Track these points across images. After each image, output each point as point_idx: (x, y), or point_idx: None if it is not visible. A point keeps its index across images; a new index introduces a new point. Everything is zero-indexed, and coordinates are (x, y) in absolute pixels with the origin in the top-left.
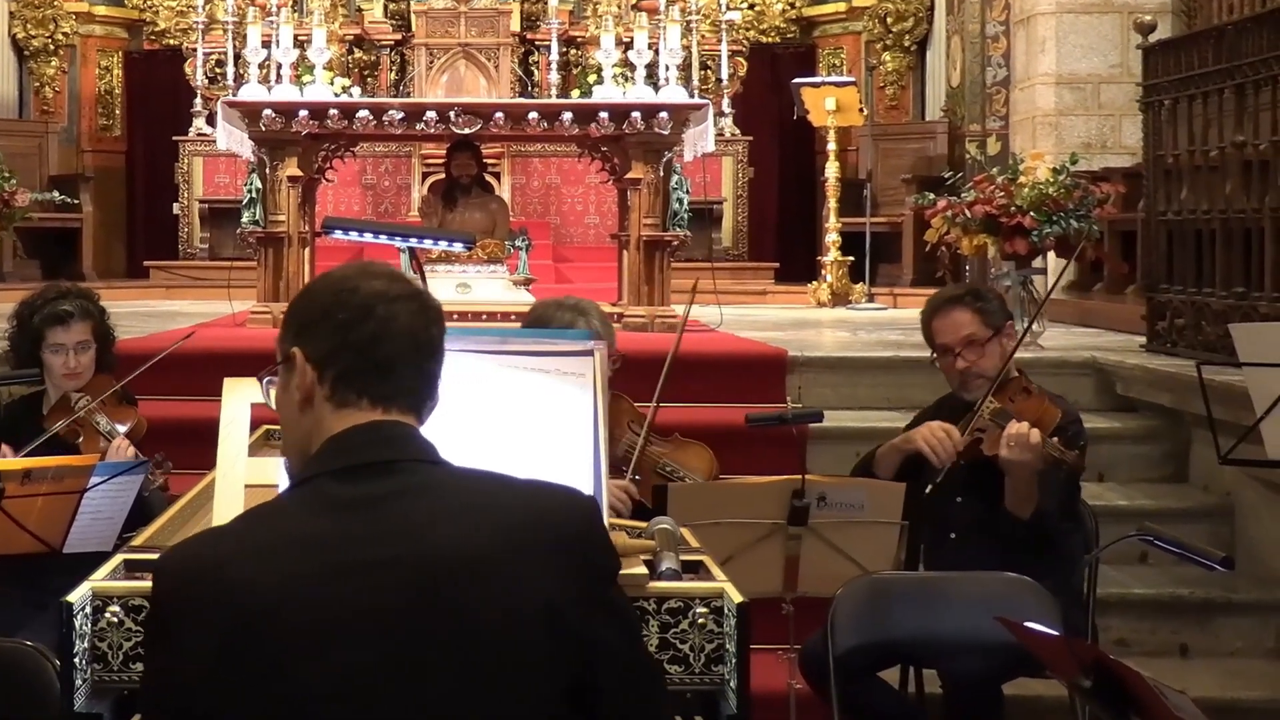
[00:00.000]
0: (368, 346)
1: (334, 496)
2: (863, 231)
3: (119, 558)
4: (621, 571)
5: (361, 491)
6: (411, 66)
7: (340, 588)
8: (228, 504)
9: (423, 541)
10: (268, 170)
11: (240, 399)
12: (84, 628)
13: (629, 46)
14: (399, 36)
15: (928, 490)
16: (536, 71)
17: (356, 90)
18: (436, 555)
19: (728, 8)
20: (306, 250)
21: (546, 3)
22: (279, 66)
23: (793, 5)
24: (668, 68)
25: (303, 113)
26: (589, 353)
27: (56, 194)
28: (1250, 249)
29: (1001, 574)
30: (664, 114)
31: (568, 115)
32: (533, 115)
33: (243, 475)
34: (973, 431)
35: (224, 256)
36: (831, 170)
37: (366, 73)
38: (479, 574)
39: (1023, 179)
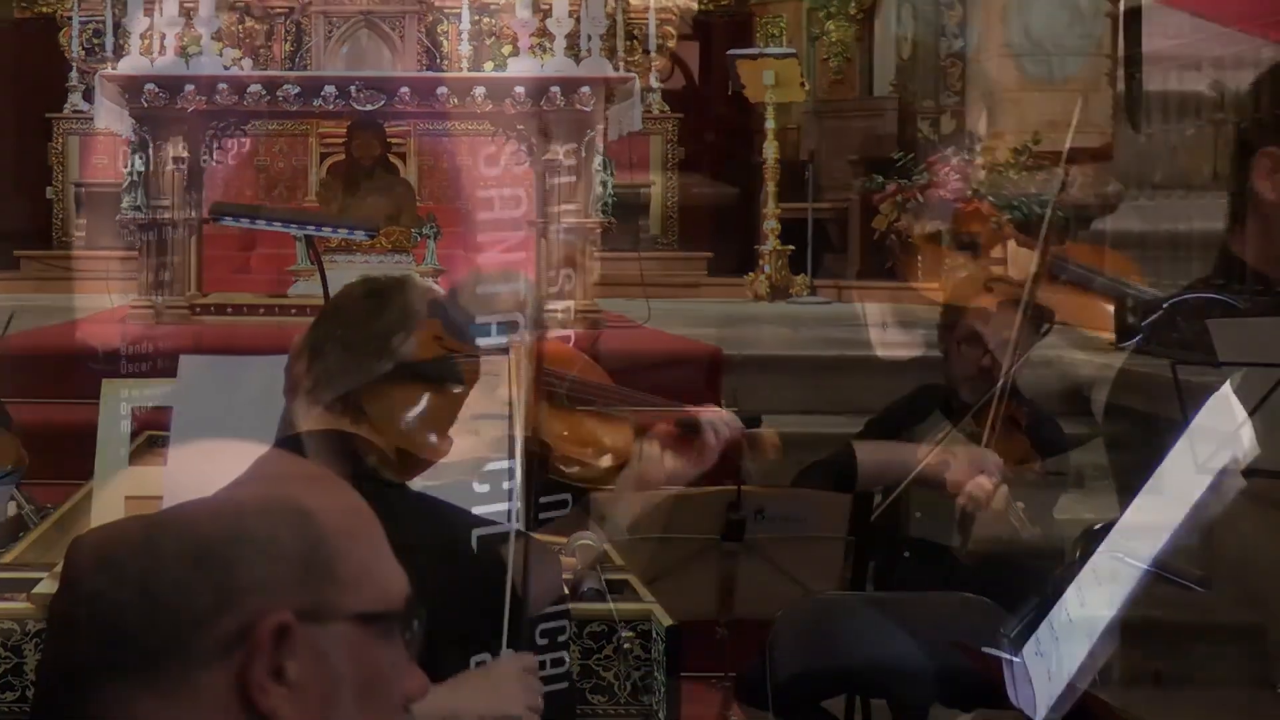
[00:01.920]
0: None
1: None
2: (804, 218)
3: None
4: None
5: None
6: (308, 36)
7: None
8: (107, 519)
9: None
10: (150, 151)
11: (120, 402)
12: None
13: (547, 14)
14: (294, 4)
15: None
16: (446, 42)
17: (248, 63)
18: None
19: None
20: (193, 239)
21: None
22: (163, 37)
23: None
24: (590, 38)
25: (189, 87)
26: (504, 350)
27: None
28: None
29: (958, 595)
30: (586, 89)
31: (480, 90)
32: (442, 90)
33: (123, 486)
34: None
35: (103, 246)
36: (770, 151)
37: (259, 44)
38: None
39: (980, 160)
